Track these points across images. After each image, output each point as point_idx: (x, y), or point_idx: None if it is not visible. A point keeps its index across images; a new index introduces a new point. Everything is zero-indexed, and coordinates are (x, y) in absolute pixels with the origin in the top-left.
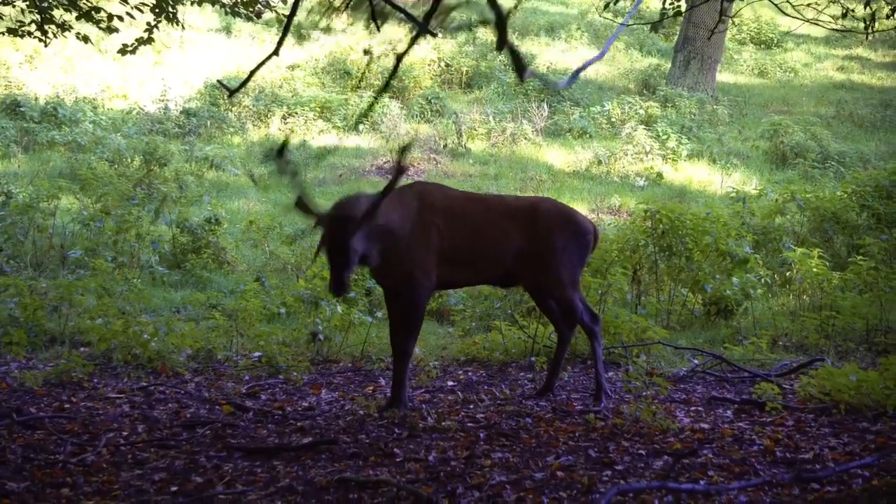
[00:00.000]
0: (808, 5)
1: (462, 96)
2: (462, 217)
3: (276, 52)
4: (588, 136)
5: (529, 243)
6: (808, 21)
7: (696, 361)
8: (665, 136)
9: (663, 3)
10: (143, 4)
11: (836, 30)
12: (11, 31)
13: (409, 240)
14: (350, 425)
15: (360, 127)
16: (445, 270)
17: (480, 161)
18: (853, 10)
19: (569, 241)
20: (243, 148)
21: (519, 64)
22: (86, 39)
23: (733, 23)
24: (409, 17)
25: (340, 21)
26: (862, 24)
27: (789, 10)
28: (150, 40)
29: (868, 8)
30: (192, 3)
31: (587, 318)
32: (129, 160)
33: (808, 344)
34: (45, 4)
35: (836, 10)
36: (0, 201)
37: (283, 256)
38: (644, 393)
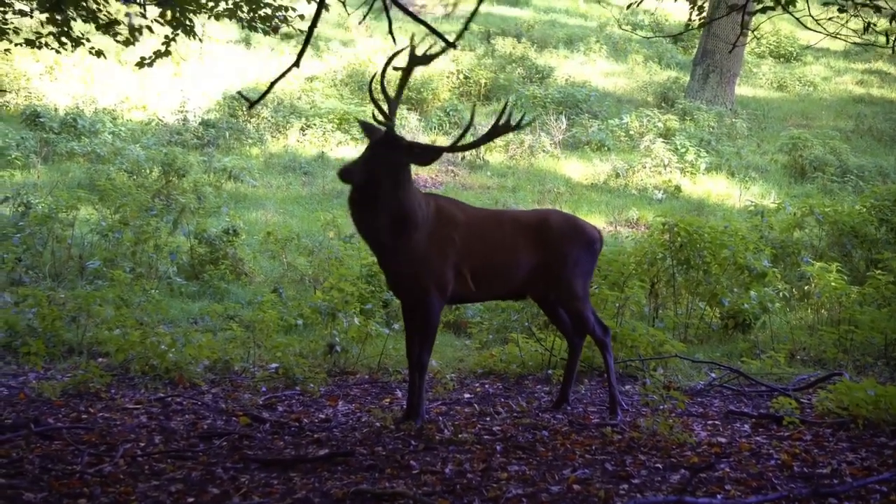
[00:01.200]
0: (830, 19)
1: (481, 108)
2: (479, 233)
3: (296, 64)
4: (606, 148)
5: (542, 257)
6: (829, 35)
7: (713, 375)
8: (683, 150)
9: (689, 16)
10: (162, 17)
11: (858, 43)
12: (30, 43)
13: (426, 250)
14: (367, 437)
15: None
16: (462, 286)
17: (498, 173)
18: (875, 24)
19: (579, 252)
20: (262, 159)
21: None
22: (99, 54)
23: (754, 35)
24: (432, 30)
25: (359, 33)
26: (882, 38)
27: (810, 24)
28: (167, 53)
29: (894, 22)
30: (209, 17)
31: (598, 330)
32: (148, 171)
33: (826, 358)
34: (64, 17)
35: (858, 24)
36: (19, 212)
37: (301, 268)
38: (661, 406)
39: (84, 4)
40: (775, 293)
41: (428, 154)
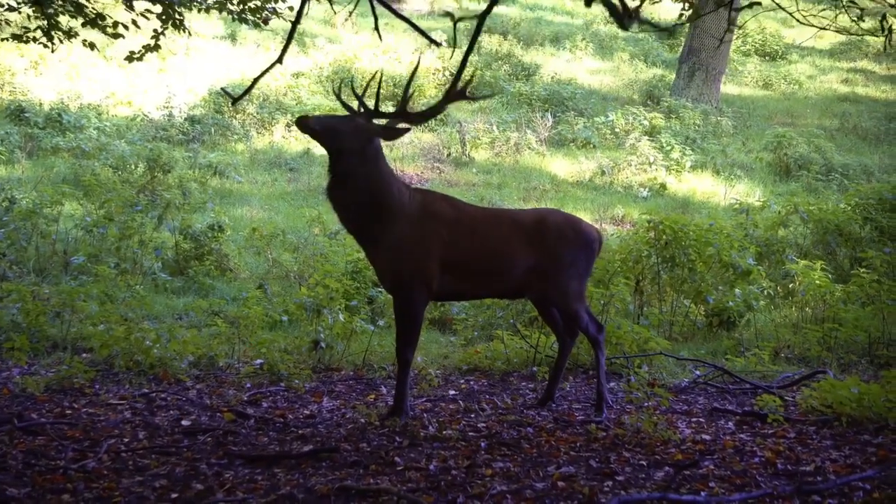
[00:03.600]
0: (815, 16)
1: (466, 105)
2: (470, 229)
3: (279, 60)
4: (592, 146)
5: (538, 256)
6: (817, 27)
7: (697, 373)
8: (669, 147)
9: (682, 10)
10: (150, 12)
11: (847, 33)
12: (17, 38)
13: (407, 243)
14: (351, 433)
15: None
16: (452, 282)
17: (484, 170)
18: (862, 19)
19: (577, 253)
20: (247, 155)
21: (617, 11)
22: (92, 46)
23: (739, 34)
24: (417, 29)
25: (345, 29)
26: (868, 35)
27: (798, 18)
28: (156, 47)
29: (885, 21)
30: (198, 10)
31: (592, 328)
32: (133, 167)
33: (811, 356)
34: (52, 11)
35: (843, 20)
36: (4, 207)
37: (286, 264)
38: (646, 404)
39: None
40: (760, 291)
41: (395, 131)
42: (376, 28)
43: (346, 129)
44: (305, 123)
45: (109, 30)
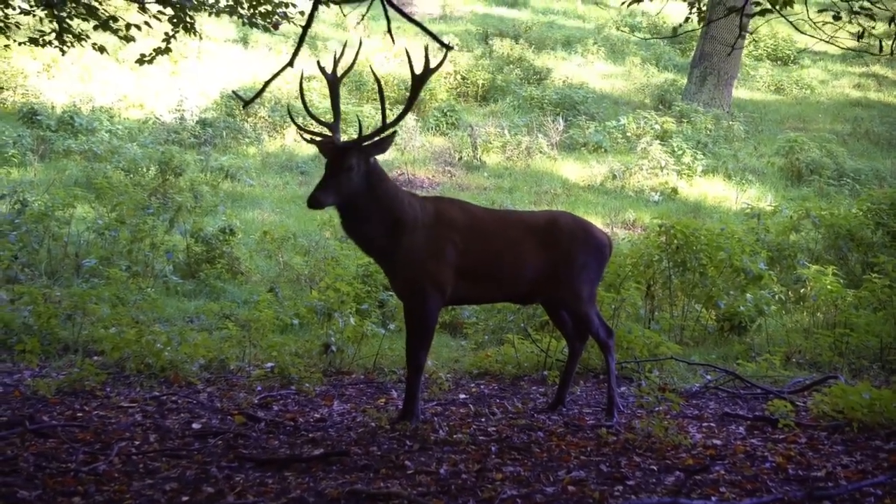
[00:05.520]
0: (826, 24)
1: (478, 109)
2: (482, 234)
3: (290, 64)
4: (603, 150)
5: (549, 259)
6: (825, 40)
7: (708, 377)
8: (680, 152)
9: (689, 14)
10: (161, 14)
11: (853, 49)
12: (32, 41)
13: (423, 252)
14: (362, 437)
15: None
16: (465, 287)
17: (495, 174)
18: (872, 28)
19: (588, 256)
20: (259, 159)
21: None
22: (102, 50)
23: (752, 38)
24: (428, 32)
25: (356, 32)
26: (877, 42)
27: (807, 28)
28: (167, 50)
29: (892, 25)
30: (209, 14)
31: (602, 332)
32: (145, 170)
33: (822, 361)
34: (64, 14)
35: (854, 28)
36: (16, 209)
37: (297, 267)
38: (656, 408)
39: (82, 1)
40: (771, 296)
41: (381, 143)
42: (389, 31)
43: (353, 177)
44: (322, 204)
45: (121, 32)
